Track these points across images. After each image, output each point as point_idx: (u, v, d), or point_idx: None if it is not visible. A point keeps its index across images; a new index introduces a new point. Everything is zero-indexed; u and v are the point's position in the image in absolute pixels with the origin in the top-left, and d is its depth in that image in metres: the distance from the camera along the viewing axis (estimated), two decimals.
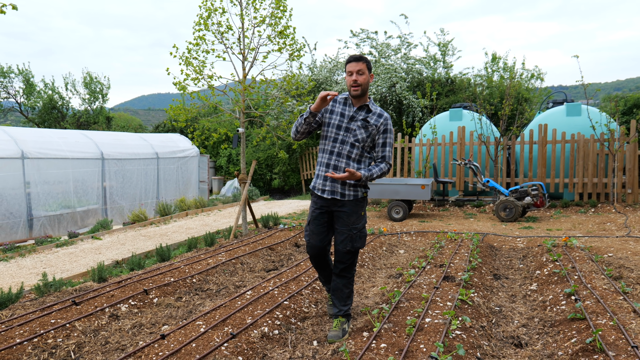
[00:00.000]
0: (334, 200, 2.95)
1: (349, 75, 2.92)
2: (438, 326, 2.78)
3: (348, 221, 2.93)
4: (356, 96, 2.94)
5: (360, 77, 2.89)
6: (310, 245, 3.07)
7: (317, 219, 3.00)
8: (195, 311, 3.49)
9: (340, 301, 3.04)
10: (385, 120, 2.99)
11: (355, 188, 2.96)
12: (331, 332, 2.97)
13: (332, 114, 2.98)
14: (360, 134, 2.93)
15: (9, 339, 2.72)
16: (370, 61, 14.92)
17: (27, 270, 5.92)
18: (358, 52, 16.58)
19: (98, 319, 3.12)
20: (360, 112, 2.96)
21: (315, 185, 3.02)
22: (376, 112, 3.00)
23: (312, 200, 3.06)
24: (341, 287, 3.04)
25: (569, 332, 2.83)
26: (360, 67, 2.90)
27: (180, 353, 2.49)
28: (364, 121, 2.93)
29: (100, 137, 11.59)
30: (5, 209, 9.03)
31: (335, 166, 2.92)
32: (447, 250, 5.25)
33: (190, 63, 6.73)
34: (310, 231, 3.05)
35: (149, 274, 4.27)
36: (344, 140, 2.93)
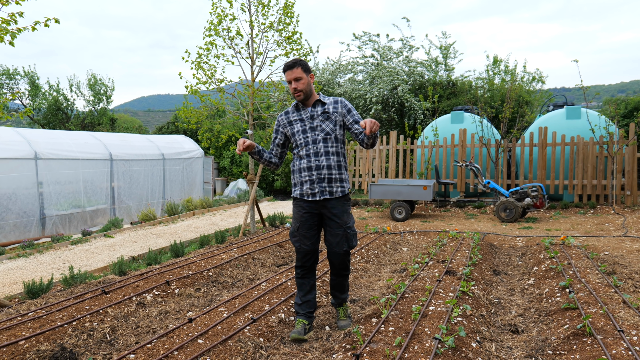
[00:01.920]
0: (325, 200, 2.96)
1: (289, 84, 2.97)
2: (441, 313, 3.02)
3: (341, 221, 2.96)
4: (302, 101, 3.01)
5: (299, 84, 2.93)
6: (302, 252, 3.01)
7: (306, 222, 2.98)
8: (215, 300, 3.75)
9: (341, 292, 3.18)
10: (343, 102, 3.03)
11: (341, 184, 2.99)
12: (340, 321, 3.15)
13: (292, 124, 3.03)
14: (327, 126, 2.97)
15: (50, 322, 2.98)
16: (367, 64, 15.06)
17: (47, 265, 6.18)
18: (360, 55, 16.87)
19: (127, 306, 3.38)
20: (316, 108, 3.01)
21: (303, 192, 2.99)
22: (330, 101, 3.04)
23: (297, 207, 3.04)
24: (341, 281, 3.14)
25: (562, 320, 3.07)
26: (296, 75, 2.92)
27: (208, 334, 2.74)
28: (324, 114, 2.98)
29: (108, 138, 11.87)
30: (19, 208, 9.30)
31: (318, 166, 2.93)
32: (448, 247, 5.49)
33: (201, 67, 6.99)
34: (301, 236, 3.00)
35: (167, 267, 4.53)
36: (315, 140, 2.96)
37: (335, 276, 3.12)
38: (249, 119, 7.28)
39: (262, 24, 7.06)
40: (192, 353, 2.48)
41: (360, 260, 5.03)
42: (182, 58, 6.96)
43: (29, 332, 2.85)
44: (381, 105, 14.99)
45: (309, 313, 3.07)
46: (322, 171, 2.93)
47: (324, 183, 2.94)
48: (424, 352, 2.42)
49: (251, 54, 7.11)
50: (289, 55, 7.17)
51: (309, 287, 3.06)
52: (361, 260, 5.04)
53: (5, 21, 3.19)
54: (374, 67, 16.26)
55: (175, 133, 22.20)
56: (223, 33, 6.97)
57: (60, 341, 2.80)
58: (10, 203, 9.13)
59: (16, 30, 3.23)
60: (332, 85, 16.69)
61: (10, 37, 3.23)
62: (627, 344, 2.44)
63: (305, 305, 3.06)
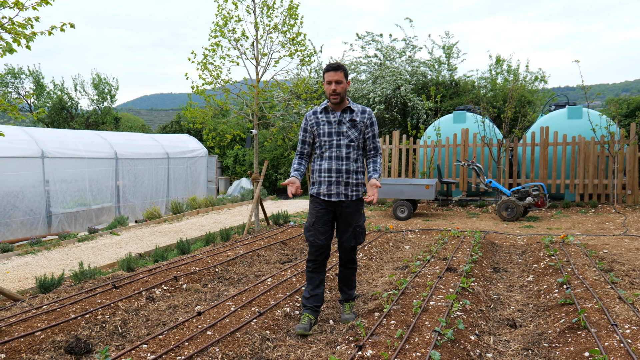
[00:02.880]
0: (340, 202, 3.13)
1: (327, 84, 3.08)
2: (441, 308, 3.12)
3: (352, 220, 3.13)
4: (335, 103, 3.13)
5: (339, 87, 3.06)
6: (316, 246, 3.15)
7: (322, 217, 3.13)
8: (222, 295, 3.86)
9: (349, 287, 3.34)
10: (369, 114, 3.20)
11: (357, 188, 3.15)
12: (345, 314, 3.28)
13: (320, 125, 3.16)
14: (352, 133, 3.11)
15: (64, 315, 3.10)
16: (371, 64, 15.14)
17: (56, 262, 6.31)
18: (363, 55, 16.95)
19: (137, 300, 3.50)
20: (345, 114, 3.15)
21: (320, 192, 3.14)
22: (359, 110, 3.19)
23: (313, 203, 3.19)
24: (349, 275, 3.30)
25: (559, 315, 3.17)
26: (338, 77, 3.05)
27: (217, 326, 2.85)
28: (352, 121, 3.12)
29: (113, 137, 12.00)
30: (26, 206, 9.44)
31: (337, 169, 3.09)
32: (450, 245, 5.59)
33: (207, 68, 7.11)
34: (316, 231, 3.14)
35: (174, 264, 4.65)
36: (339, 144, 3.10)
37: (343, 268, 3.30)
38: (254, 119, 7.39)
39: (266, 26, 7.17)
40: (202, 344, 2.59)
41: (363, 257, 5.14)
42: (188, 59, 7.08)
43: (44, 324, 2.96)
44: (384, 105, 15.08)
45: (316, 307, 3.18)
46: (340, 175, 3.09)
47: (341, 186, 3.10)
48: (424, 344, 2.52)
49: (256, 55, 7.22)
50: (293, 56, 7.27)
51: (318, 281, 3.18)
52: (364, 257, 5.15)
53: (21, 25, 3.30)
54: (377, 66, 16.34)
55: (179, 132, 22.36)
56: (228, 34, 7.09)
57: (74, 332, 2.92)
58: (18, 201, 9.27)
59: (31, 34, 3.34)
60: None
61: (26, 41, 3.34)
62: (620, 337, 2.54)
63: (312, 299, 3.17)
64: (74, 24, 3.27)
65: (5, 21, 3.15)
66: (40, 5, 3.19)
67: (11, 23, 3.10)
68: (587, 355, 2.40)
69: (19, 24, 3.19)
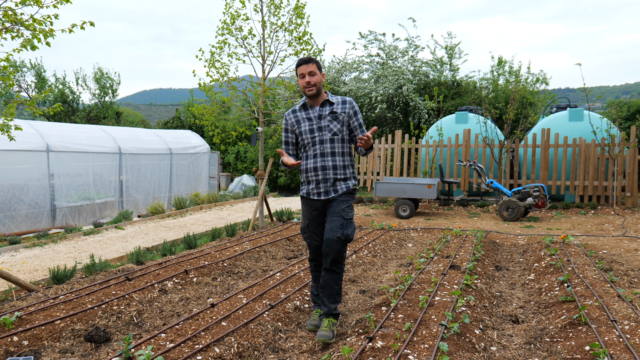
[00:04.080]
0: (328, 199, 3.00)
1: (301, 78, 2.95)
2: (446, 303, 3.23)
3: (339, 208, 2.94)
4: (312, 96, 2.98)
5: (313, 78, 2.94)
6: (313, 247, 3.10)
7: (315, 219, 3.04)
8: (232, 289, 3.96)
9: (330, 298, 2.92)
10: (351, 104, 3.04)
11: (346, 182, 3.00)
12: (321, 331, 2.85)
13: (300, 123, 3.03)
14: (335, 126, 2.97)
15: (81, 305, 3.20)
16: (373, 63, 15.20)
17: (64, 254, 6.41)
18: (366, 54, 17.03)
19: (150, 292, 3.60)
20: (324, 107, 3.01)
21: (309, 192, 3.04)
22: (339, 101, 3.04)
23: (305, 205, 3.08)
24: (331, 283, 2.91)
25: (560, 311, 3.27)
26: (310, 69, 2.93)
27: (230, 318, 2.96)
28: (332, 114, 2.98)
29: (117, 132, 12.08)
30: (31, 199, 9.52)
31: (323, 167, 2.95)
32: (452, 244, 5.69)
33: (214, 65, 7.19)
34: (311, 232, 3.06)
35: (183, 258, 4.75)
36: (322, 140, 2.96)
37: (325, 272, 2.93)
38: (260, 116, 7.47)
39: (273, 24, 7.25)
40: (218, 334, 2.69)
41: (368, 254, 5.24)
42: (195, 56, 7.16)
43: (62, 313, 3.06)
44: (386, 104, 15.16)
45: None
46: (327, 172, 2.96)
47: (329, 184, 2.97)
48: (432, 336, 2.63)
49: (262, 53, 7.30)
50: (299, 54, 7.36)
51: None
52: (368, 254, 5.25)
53: (39, 22, 3.38)
54: (379, 66, 16.42)
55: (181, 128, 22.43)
56: (236, 32, 7.17)
57: (92, 322, 3.02)
58: (23, 194, 9.34)
59: (49, 30, 3.43)
60: (337, 83, 16.87)
61: (44, 37, 3.43)
62: (619, 332, 2.65)
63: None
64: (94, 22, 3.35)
65: (25, 17, 3.24)
66: (61, 3, 3.27)
67: (32, 20, 3.18)
68: (588, 349, 2.51)
69: (37, 20, 3.27)
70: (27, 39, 3.17)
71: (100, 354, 2.67)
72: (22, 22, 3.29)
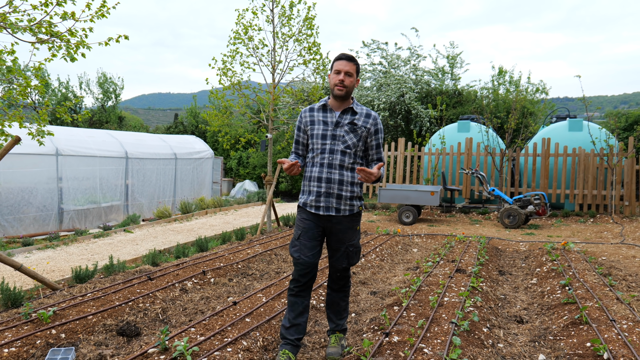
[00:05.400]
0: (329, 217, 2.67)
1: (335, 74, 2.65)
2: (455, 304, 3.41)
3: (344, 238, 2.68)
4: (339, 97, 2.66)
5: (348, 79, 2.65)
6: (300, 263, 2.65)
7: (309, 231, 2.68)
8: (249, 289, 4.14)
9: (337, 315, 2.81)
10: (375, 120, 2.74)
11: (351, 202, 2.69)
12: (330, 348, 2.76)
13: (314, 124, 2.72)
14: (350, 139, 2.66)
15: (109, 302, 3.38)
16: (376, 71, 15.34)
17: (77, 256, 6.58)
18: (369, 62, 17.34)
19: (172, 291, 3.78)
20: (345, 115, 2.70)
21: (307, 202, 2.70)
22: (363, 113, 2.73)
23: (300, 214, 2.75)
24: (338, 300, 2.80)
25: (562, 312, 3.46)
26: (349, 69, 2.64)
27: (253, 315, 3.14)
28: (352, 125, 2.67)
29: (124, 137, 12.28)
30: (39, 202, 9.70)
31: (328, 179, 2.64)
32: (456, 249, 5.88)
33: (225, 74, 7.42)
34: (301, 245, 2.67)
35: (198, 260, 4.93)
36: (332, 150, 2.65)
37: (331, 290, 2.82)
38: (269, 123, 7.68)
39: (284, 35, 7.48)
40: (244, 329, 2.88)
41: (376, 258, 5.43)
42: (208, 65, 7.39)
43: (93, 309, 3.24)
44: (388, 112, 15.42)
45: (297, 340, 2.68)
46: (332, 185, 2.64)
47: (331, 198, 2.65)
48: (443, 333, 2.81)
49: (273, 62, 7.53)
50: (307, 64, 7.59)
51: (302, 307, 2.69)
52: (376, 258, 5.44)
53: (72, 34, 3.59)
54: (382, 74, 16.70)
55: (183, 133, 22.67)
56: (247, 42, 7.40)
57: (121, 318, 3.20)
58: (31, 197, 9.52)
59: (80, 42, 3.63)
60: None
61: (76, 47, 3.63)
62: (618, 330, 2.84)
63: (294, 330, 2.67)
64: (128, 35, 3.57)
65: (62, 30, 3.45)
66: (98, 17, 3.49)
67: (69, 33, 3.39)
68: (589, 345, 2.69)
69: (72, 33, 3.48)
70: (67, 51, 3.38)
71: (133, 347, 2.85)
72: (58, 34, 3.50)
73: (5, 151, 3.75)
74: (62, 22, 3.37)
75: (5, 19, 3.46)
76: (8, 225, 8.95)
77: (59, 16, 3.34)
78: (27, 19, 3.42)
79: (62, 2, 3.56)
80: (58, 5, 3.53)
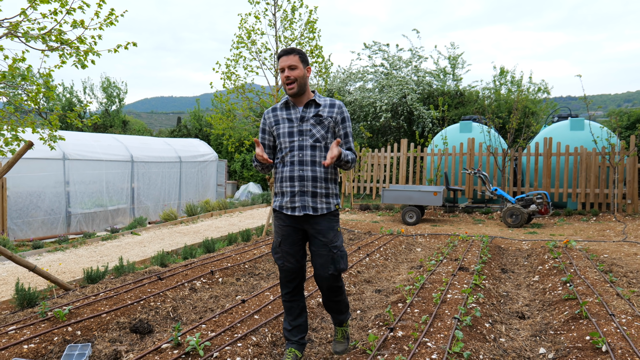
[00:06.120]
0: (307, 216, 2.57)
1: (281, 72, 2.57)
2: (458, 300, 3.50)
3: (326, 240, 2.55)
4: (294, 94, 2.58)
5: (293, 72, 2.53)
6: (285, 270, 2.63)
7: (289, 237, 2.60)
8: (257, 288, 4.24)
9: (338, 313, 2.76)
10: (340, 109, 2.63)
11: (327, 199, 2.59)
12: (336, 345, 2.76)
13: (279, 123, 2.63)
14: (318, 131, 2.57)
15: (122, 301, 3.48)
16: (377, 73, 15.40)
17: (86, 258, 6.70)
18: (370, 64, 17.44)
19: (181, 290, 3.88)
20: (309, 109, 2.60)
21: (282, 204, 2.61)
22: (327, 103, 2.63)
23: (277, 219, 2.67)
24: (334, 305, 2.73)
25: (563, 308, 3.54)
26: (291, 62, 2.53)
27: (261, 312, 3.23)
28: (317, 117, 2.57)
29: (129, 141, 12.43)
30: (47, 206, 9.84)
31: (301, 177, 2.54)
32: (459, 248, 5.96)
33: (229, 78, 7.54)
34: (284, 252, 2.61)
35: (206, 260, 5.03)
36: (302, 146, 2.55)
37: (326, 298, 2.73)
38: None
39: (286, 38, 7.59)
40: (253, 325, 2.97)
41: (380, 257, 5.51)
42: (212, 69, 7.51)
43: (106, 308, 3.34)
44: (390, 113, 15.51)
45: (301, 340, 2.71)
46: (305, 183, 2.54)
47: (306, 197, 2.55)
48: (446, 328, 2.90)
49: (276, 66, 7.64)
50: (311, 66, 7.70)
51: (298, 310, 2.70)
52: (380, 257, 5.52)
53: (81, 41, 3.71)
54: (383, 75, 16.80)
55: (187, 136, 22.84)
56: (250, 46, 7.52)
57: (133, 316, 3.30)
58: (39, 201, 9.66)
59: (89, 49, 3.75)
60: (342, 92, 17.24)
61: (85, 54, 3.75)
62: (616, 324, 2.91)
63: (296, 331, 2.69)
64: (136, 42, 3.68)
65: (72, 38, 3.56)
66: (107, 25, 3.60)
67: (79, 41, 3.51)
68: (588, 339, 2.77)
69: (82, 41, 3.59)
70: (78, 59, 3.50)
71: (146, 343, 2.95)
72: (67, 42, 3.61)
73: (18, 156, 3.87)
74: (72, 30, 3.49)
75: (17, 28, 3.58)
76: (17, 229, 9.09)
77: (69, 24, 3.46)
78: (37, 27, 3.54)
79: (71, 11, 3.68)
80: (68, 13, 3.65)
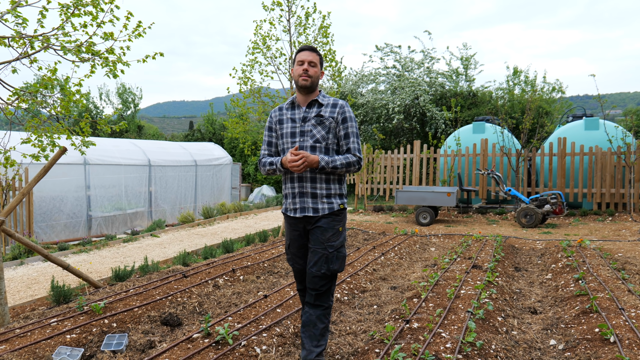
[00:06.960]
0: (307, 218, 2.56)
1: (299, 65, 2.56)
2: (471, 295, 3.62)
3: (322, 238, 2.49)
4: (304, 87, 2.56)
5: (312, 69, 2.56)
6: (295, 270, 2.73)
7: (296, 241, 2.64)
8: (277, 285, 4.42)
9: (313, 340, 2.50)
10: (342, 108, 2.59)
11: (329, 199, 2.54)
12: None
13: (283, 123, 2.63)
14: (318, 132, 2.53)
15: (151, 297, 3.69)
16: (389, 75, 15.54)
17: (109, 259, 6.96)
18: (382, 66, 17.55)
19: (205, 287, 4.08)
20: (311, 109, 2.59)
21: (287, 207, 2.63)
22: (329, 103, 2.60)
23: (286, 221, 2.70)
24: (314, 320, 2.51)
25: (574, 303, 3.64)
26: (312, 59, 2.57)
27: (283, 306, 3.41)
28: (318, 117, 2.55)
29: (147, 145, 12.76)
30: (69, 210, 10.18)
31: (300, 177, 2.53)
32: (473, 248, 6.06)
33: (245, 83, 7.78)
34: (292, 254, 2.69)
35: (226, 260, 5.23)
36: (302, 147, 2.53)
37: (308, 307, 2.57)
38: None
39: (300, 44, 7.79)
40: (276, 318, 3.15)
41: (395, 256, 5.65)
42: (229, 74, 7.75)
43: (137, 302, 3.55)
44: (403, 115, 15.60)
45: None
46: (305, 184, 2.53)
47: (306, 198, 2.53)
48: (460, 320, 3.03)
49: (289, 70, 7.85)
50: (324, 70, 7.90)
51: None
52: (395, 257, 5.66)
53: (109, 51, 3.94)
54: (395, 77, 16.90)
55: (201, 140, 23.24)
56: (265, 52, 7.74)
57: (162, 310, 3.51)
58: (62, 205, 10.01)
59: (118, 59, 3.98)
60: (355, 95, 17.39)
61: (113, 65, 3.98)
62: (626, 317, 3.01)
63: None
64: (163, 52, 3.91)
65: (103, 48, 3.80)
66: (136, 37, 3.83)
67: (108, 52, 3.74)
68: (597, 331, 2.88)
69: (111, 52, 3.83)
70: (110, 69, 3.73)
71: (177, 335, 3.15)
72: (98, 53, 3.85)
73: (53, 161, 4.12)
74: (104, 42, 3.72)
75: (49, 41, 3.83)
76: (41, 232, 9.44)
77: (99, 36, 3.69)
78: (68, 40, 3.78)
79: (101, 24, 3.91)
80: (98, 27, 3.88)
